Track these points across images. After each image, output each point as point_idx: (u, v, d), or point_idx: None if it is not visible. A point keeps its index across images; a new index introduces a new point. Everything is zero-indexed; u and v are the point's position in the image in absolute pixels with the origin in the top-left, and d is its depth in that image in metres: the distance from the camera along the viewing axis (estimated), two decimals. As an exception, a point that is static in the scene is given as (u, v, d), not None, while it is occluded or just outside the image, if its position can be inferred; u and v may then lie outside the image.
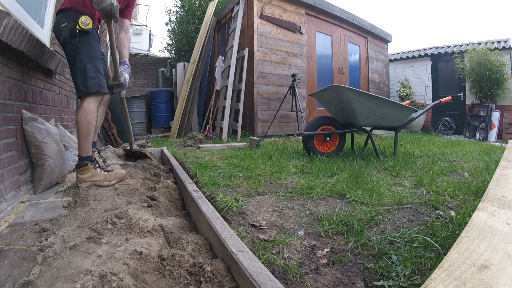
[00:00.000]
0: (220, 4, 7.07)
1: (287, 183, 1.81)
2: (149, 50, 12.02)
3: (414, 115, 2.85)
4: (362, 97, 2.48)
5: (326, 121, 2.82)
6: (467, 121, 6.83)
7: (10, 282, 0.82)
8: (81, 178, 1.63)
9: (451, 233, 1.03)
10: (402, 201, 1.44)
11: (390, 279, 0.81)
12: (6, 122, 1.41)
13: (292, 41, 5.22)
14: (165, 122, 6.68)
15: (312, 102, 5.67)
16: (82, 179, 1.63)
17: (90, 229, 1.09)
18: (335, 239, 1.08)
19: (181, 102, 5.51)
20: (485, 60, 6.50)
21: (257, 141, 3.37)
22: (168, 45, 8.40)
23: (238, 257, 0.85)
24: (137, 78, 7.95)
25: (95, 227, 1.09)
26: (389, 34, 7.62)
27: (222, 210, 1.35)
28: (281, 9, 5.12)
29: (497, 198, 1.04)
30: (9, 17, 1.20)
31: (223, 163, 2.44)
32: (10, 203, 1.38)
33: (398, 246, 0.98)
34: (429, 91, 7.96)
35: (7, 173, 1.39)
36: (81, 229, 1.11)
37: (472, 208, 1.21)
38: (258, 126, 4.78)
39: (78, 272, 0.87)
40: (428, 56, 8.07)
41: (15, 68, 1.50)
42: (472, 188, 1.64)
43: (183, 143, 4.00)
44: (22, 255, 0.97)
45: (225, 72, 5.12)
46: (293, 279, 0.84)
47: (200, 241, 1.09)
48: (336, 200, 1.51)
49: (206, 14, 6.05)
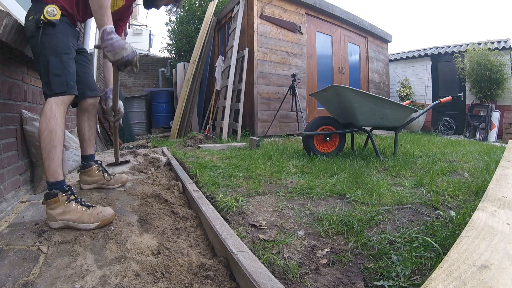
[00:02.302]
0: (220, 4, 7.07)
1: (287, 183, 1.81)
2: (149, 50, 12.02)
3: (414, 115, 2.85)
4: (362, 97, 2.48)
5: (326, 121, 2.82)
6: (467, 121, 6.83)
7: (10, 282, 0.82)
8: (51, 214, 1.17)
9: (451, 233, 1.03)
10: (402, 201, 1.44)
11: (390, 279, 0.81)
12: (6, 122, 1.41)
13: (292, 41, 5.22)
14: (165, 122, 6.68)
15: (312, 102, 5.67)
16: (52, 216, 1.17)
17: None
18: (335, 239, 1.08)
19: (181, 102, 5.52)
20: (485, 60, 6.50)
21: (257, 141, 3.37)
22: (168, 45, 8.41)
23: (238, 257, 0.85)
24: (137, 78, 7.95)
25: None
26: (389, 34, 7.62)
27: (222, 210, 1.35)
28: (281, 9, 5.12)
29: (497, 198, 1.04)
30: (9, 17, 1.20)
31: (223, 163, 2.44)
32: (10, 203, 1.38)
33: (398, 246, 0.98)
34: (429, 91, 7.96)
35: (7, 173, 1.39)
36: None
37: (472, 208, 1.21)
38: (258, 126, 4.78)
39: (78, 272, 0.87)
40: (428, 56, 8.07)
41: (15, 68, 1.50)
42: (472, 188, 1.64)
43: (183, 143, 4.00)
44: (22, 255, 0.97)
45: (225, 72, 5.12)
46: (293, 279, 0.84)
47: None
48: (336, 200, 1.51)
49: (206, 14, 6.05)
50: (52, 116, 1.24)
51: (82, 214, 1.18)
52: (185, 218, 1.34)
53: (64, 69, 1.31)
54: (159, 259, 0.95)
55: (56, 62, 1.29)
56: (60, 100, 1.29)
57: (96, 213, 1.19)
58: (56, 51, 1.31)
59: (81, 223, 1.16)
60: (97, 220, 1.17)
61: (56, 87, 1.28)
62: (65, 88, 1.30)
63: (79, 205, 1.22)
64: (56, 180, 1.22)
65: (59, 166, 1.24)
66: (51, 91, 1.28)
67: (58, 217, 1.17)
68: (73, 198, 1.23)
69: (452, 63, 7.26)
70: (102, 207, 1.23)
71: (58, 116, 1.26)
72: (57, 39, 1.32)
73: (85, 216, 1.18)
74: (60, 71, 1.30)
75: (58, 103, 1.28)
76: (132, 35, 13.52)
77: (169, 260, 0.93)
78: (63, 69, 1.31)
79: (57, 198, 1.18)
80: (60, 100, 1.29)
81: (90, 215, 1.18)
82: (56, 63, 1.29)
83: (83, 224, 1.16)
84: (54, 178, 1.22)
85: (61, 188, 1.23)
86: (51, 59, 1.28)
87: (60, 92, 1.29)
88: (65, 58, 1.34)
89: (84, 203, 1.25)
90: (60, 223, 1.17)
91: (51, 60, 1.28)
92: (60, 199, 1.19)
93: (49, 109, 1.25)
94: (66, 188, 1.24)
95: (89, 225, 1.16)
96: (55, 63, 1.29)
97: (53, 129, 1.23)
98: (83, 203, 1.24)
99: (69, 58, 1.36)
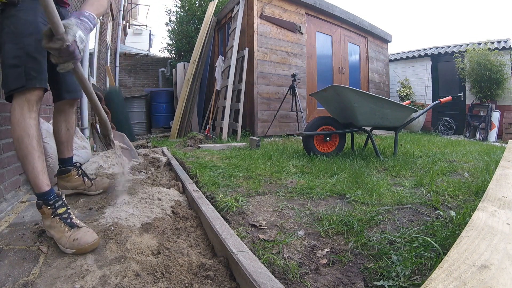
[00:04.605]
0: (220, 4, 7.07)
1: (287, 183, 1.81)
2: (149, 50, 12.03)
3: (414, 115, 2.85)
4: (362, 97, 2.48)
5: (326, 121, 2.82)
6: (467, 121, 6.83)
7: (10, 282, 0.82)
8: (44, 223, 1.10)
9: (451, 233, 1.03)
10: (402, 201, 1.44)
11: (390, 279, 0.81)
12: (6, 122, 1.41)
13: (292, 41, 5.22)
14: (165, 122, 6.68)
15: (312, 102, 5.67)
16: (45, 225, 1.10)
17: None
18: (335, 239, 1.08)
19: (181, 102, 5.52)
20: (485, 60, 6.50)
21: (257, 141, 3.37)
22: (168, 45, 8.41)
23: (238, 257, 0.85)
24: (137, 78, 7.96)
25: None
26: (389, 34, 7.62)
27: (222, 210, 1.35)
28: (281, 9, 5.12)
29: (497, 198, 1.04)
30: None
31: (223, 163, 2.44)
32: (10, 203, 1.38)
33: (398, 246, 0.98)
34: (429, 91, 7.96)
35: (7, 173, 1.39)
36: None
37: (472, 208, 1.21)
38: (258, 126, 4.78)
39: (78, 272, 0.87)
40: (428, 56, 8.07)
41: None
42: (472, 188, 1.64)
43: (183, 143, 4.00)
44: (22, 255, 0.97)
45: (225, 72, 5.12)
46: (293, 279, 0.84)
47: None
48: (336, 200, 1.51)
49: (206, 14, 6.05)
50: (15, 121, 1.03)
51: (62, 234, 1.01)
52: (185, 218, 1.34)
53: (23, 57, 1.04)
54: (159, 259, 0.95)
55: (12, 49, 1.04)
56: (22, 99, 1.04)
57: (73, 238, 0.99)
58: (15, 35, 1.04)
59: (60, 245, 1.01)
60: (71, 247, 0.98)
61: (12, 82, 1.03)
62: (23, 81, 1.03)
63: (63, 223, 1.04)
64: (39, 191, 1.07)
65: (37, 177, 1.06)
66: (7, 88, 1.04)
67: (47, 229, 1.07)
68: (59, 213, 1.06)
69: (452, 63, 7.26)
70: (83, 231, 1.03)
71: (22, 120, 1.03)
72: (17, 20, 1.06)
73: (63, 239, 1.00)
74: (17, 60, 1.03)
75: (19, 104, 1.04)
76: (132, 35, 13.54)
77: (169, 260, 0.93)
78: (22, 57, 1.04)
79: (43, 210, 1.06)
80: (21, 99, 1.04)
81: (68, 238, 1.00)
82: (12, 50, 1.03)
83: (61, 246, 1.01)
84: (38, 189, 1.07)
85: (45, 200, 1.07)
86: (6, 47, 1.04)
87: (16, 88, 1.03)
88: (27, 41, 1.06)
89: (69, 221, 1.05)
90: (50, 234, 1.06)
91: (6, 48, 1.04)
92: (45, 212, 1.06)
93: (12, 114, 1.04)
94: (51, 200, 1.07)
95: (66, 249, 0.99)
96: (11, 51, 1.04)
97: (18, 136, 1.04)
98: (67, 221, 1.05)
99: (34, 40, 1.06)
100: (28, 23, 1.07)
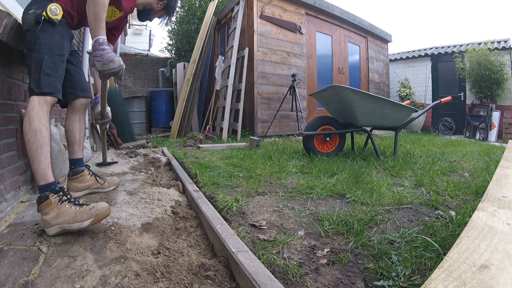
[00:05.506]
0: (220, 4, 7.07)
1: (287, 183, 1.81)
2: (149, 50, 12.04)
3: (414, 115, 2.85)
4: (362, 97, 2.48)
5: (326, 121, 2.82)
6: (467, 121, 6.83)
7: (10, 282, 0.82)
8: (46, 220, 1.11)
9: (451, 233, 1.03)
10: (402, 201, 1.44)
11: (390, 279, 0.81)
12: (6, 122, 1.41)
13: (292, 41, 5.22)
14: (165, 122, 6.68)
15: (312, 102, 5.67)
16: (47, 222, 1.11)
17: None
18: (335, 239, 1.08)
19: (181, 102, 5.52)
20: (485, 60, 6.50)
21: (257, 141, 3.37)
22: (168, 45, 8.40)
23: (238, 257, 0.85)
24: (137, 78, 7.95)
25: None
26: (389, 34, 7.62)
27: (222, 210, 1.35)
28: (281, 9, 5.12)
29: (497, 198, 1.04)
30: (9, 17, 1.20)
31: (223, 163, 2.44)
32: (10, 203, 1.38)
33: (398, 246, 0.98)
34: (429, 91, 7.96)
35: (7, 173, 1.39)
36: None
37: (472, 208, 1.21)
38: (258, 126, 4.78)
39: (78, 272, 0.87)
40: (428, 56, 8.07)
41: (15, 68, 1.50)
42: (472, 188, 1.64)
43: (183, 143, 4.00)
44: (22, 255, 0.97)
45: (225, 72, 5.12)
46: (293, 279, 0.84)
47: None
48: (336, 200, 1.51)
49: (206, 14, 6.05)
50: (35, 115, 1.20)
51: (76, 213, 1.11)
52: (185, 218, 1.34)
53: (55, 70, 1.30)
54: (159, 259, 0.95)
55: (49, 61, 1.27)
56: (44, 100, 1.25)
57: (89, 208, 1.11)
58: (51, 51, 1.29)
59: (75, 223, 1.09)
60: (90, 216, 1.09)
61: (46, 87, 1.25)
62: (53, 89, 1.27)
63: (72, 204, 1.15)
64: (46, 182, 1.17)
65: (47, 167, 1.19)
66: (39, 89, 1.24)
67: (53, 221, 1.10)
68: (65, 199, 1.17)
69: (452, 63, 7.26)
70: (95, 203, 1.16)
71: (42, 115, 1.22)
72: (54, 39, 1.31)
73: (78, 215, 1.10)
74: (51, 71, 1.28)
75: (41, 103, 1.24)
76: (132, 35, 13.54)
77: (169, 260, 0.93)
78: (54, 70, 1.29)
79: (49, 200, 1.13)
80: (44, 100, 1.25)
81: (83, 211, 1.11)
82: (49, 62, 1.27)
83: (77, 223, 1.09)
84: (45, 181, 1.17)
85: (52, 189, 1.16)
86: (46, 57, 1.26)
87: (48, 92, 1.26)
88: (58, 59, 1.32)
89: (78, 202, 1.17)
90: (56, 228, 1.10)
91: (46, 58, 1.26)
92: (52, 201, 1.13)
93: (32, 108, 1.21)
94: (57, 189, 1.18)
95: (83, 223, 1.08)
96: (48, 62, 1.27)
97: (37, 128, 1.19)
98: (76, 203, 1.16)
99: (61, 61, 1.35)
100: (59, 46, 1.35)
